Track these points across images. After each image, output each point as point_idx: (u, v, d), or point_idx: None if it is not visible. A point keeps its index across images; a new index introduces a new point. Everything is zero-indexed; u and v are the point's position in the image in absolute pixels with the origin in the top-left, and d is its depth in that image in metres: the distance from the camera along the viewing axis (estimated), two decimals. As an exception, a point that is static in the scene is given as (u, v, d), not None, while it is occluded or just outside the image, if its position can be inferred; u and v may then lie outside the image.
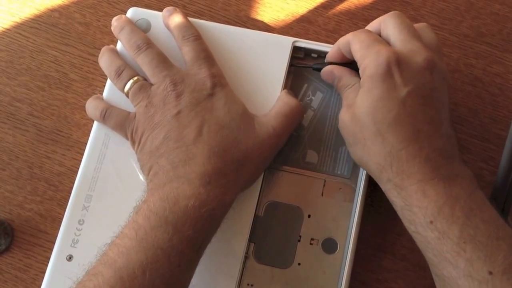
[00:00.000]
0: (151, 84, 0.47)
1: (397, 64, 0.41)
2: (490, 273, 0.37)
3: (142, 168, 0.45)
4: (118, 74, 0.48)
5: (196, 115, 0.45)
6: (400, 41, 0.43)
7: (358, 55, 0.44)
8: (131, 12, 0.52)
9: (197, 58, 0.48)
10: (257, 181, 0.47)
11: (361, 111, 0.42)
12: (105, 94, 0.50)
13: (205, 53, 0.48)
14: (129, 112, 0.47)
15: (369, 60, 0.42)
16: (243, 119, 0.46)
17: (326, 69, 0.48)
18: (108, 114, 0.48)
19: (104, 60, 0.49)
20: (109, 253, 0.40)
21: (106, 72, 0.49)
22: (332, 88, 0.50)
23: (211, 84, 0.46)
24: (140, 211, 0.41)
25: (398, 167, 0.41)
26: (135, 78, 0.47)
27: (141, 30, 0.50)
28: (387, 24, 0.45)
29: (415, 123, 0.41)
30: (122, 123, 0.47)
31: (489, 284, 0.36)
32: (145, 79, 0.48)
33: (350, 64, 0.47)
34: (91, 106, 0.49)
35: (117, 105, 0.49)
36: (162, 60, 0.47)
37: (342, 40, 0.46)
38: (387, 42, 0.44)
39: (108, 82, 0.50)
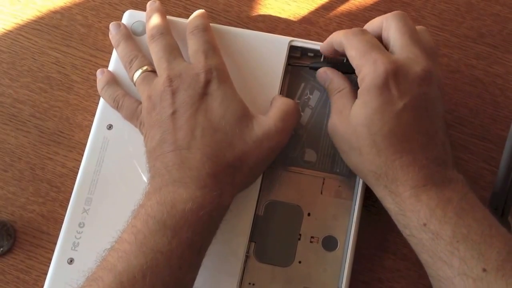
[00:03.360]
0: (156, 76, 0.49)
1: (394, 76, 0.43)
2: (484, 270, 0.39)
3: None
4: (130, 63, 0.51)
5: (191, 116, 0.46)
6: (400, 46, 0.45)
7: (354, 63, 0.46)
8: (128, 15, 0.55)
9: (197, 51, 0.49)
10: (256, 181, 0.49)
11: (357, 121, 0.45)
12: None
13: (207, 45, 0.49)
14: (139, 104, 0.50)
15: (367, 71, 0.44)
16: (239, 121, 0.47)
17: (322, 69, 0.51)
18: (120, 105, 0.50)
19: (120, 50, 0.52)
20: (108, 258, 0.41)
21: (121, 61, 0.52)
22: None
23: (204, 80, 0.47)
24: (138, 215, 0.43)
25: (393, 175, 0.43)
26: (144, 68, 0.50)
27: (136, 33, 0.54)
28: (390, 25, 0.46)
29: (409, 134, 0.43)
30: (131, 116, 0.50)
31: (483, 281, 0.39)
32: (154, 70, 0.50)
33: (343, 62, 0.50)
34: (107, 95, 0.51)
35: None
36: (168, 51, 0.49)
37: (334, 39, 0.48)
38: (384, 45, 0.46)
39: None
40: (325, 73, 0.50)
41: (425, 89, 0.44)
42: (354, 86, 0.48)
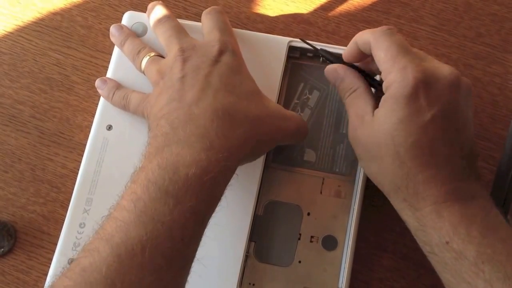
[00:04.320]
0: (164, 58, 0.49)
1: (424, 85, 0.41)
2: None
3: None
4: (138, 53, 0.51)
5: (203, 77, 0.44)
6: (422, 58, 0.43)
7: (382, 66, 0.43)
8: (127, 16, 0.55)
9: (213, 28, 0.49)
10: (255, 180, 0.49)
11: (381, 130, 0.42)
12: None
13: (224, 24, 0.49)
14: (147, 95, 0.49)
15: (394, 78, 0.42)
16: (255, 93, 0.46)
17: (330, 67, 0.48)
18: (129, 100, 0.50)
19: (127, 47, 0.52)
20: (106, 226, 0.38)
21: (128, 57, 0.52)
22: (328, 86, 0.53)
23: (219, 48, 0.46)
24: (138, 180, 0.40)
25: (414, 188, 0.41)
26: (152, 54, 0.50)
27: (136, 34, 0.54)
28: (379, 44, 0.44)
29: (434, 147, 0.41)
30: (138, 104, 0.49)
31: None
32: (162, 56, 0.50)
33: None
34: (116, 98, 0.51)
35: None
36: (177, 31, 0.49)
37: (360, 39, 0.45)
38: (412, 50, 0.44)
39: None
40: (335, 71, 0.47)
41: (454, 95, 0.42)
42: (368, 85, 0.46)
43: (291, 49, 0.53)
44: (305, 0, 0.58)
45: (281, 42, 0.53)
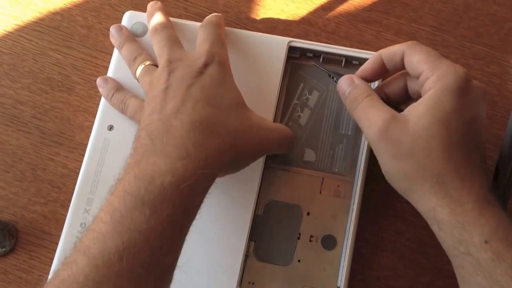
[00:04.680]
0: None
1: (469, 84, 0.43)
2: None
3: None
4: (134, 60, 0.51)
5: (185, 89, 0.45)
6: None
7: (425, 66, 0.43)
8: (128, 16, 0.55)
9: (205, 40, 0.49)
10: (255, 180, 0.50)
11: (429, 121, 0.42)
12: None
13: (216, 36, 0.49)
14: (143, 102, 0.49)
15: (445, 71, 0.42)
16: (237, 105, 0.46)
17: (346, 75, 0.48)
18: (127, 105, 0.51)
19: (124, 50, 0.53)
20: (84, 239, 0.39)
21: (125, 61, 0.53)
22: (328, 86, 0.53)
23: (205, 60, 0.47)
24: (115, 192, 0.40)
25: (461, 182, 0.41)
26: (147, 63, 0.50)
27: (136, 34, 0.54)
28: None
29: (477, 144, 0.42)
30: (135, 111, 0.50)
31: None
32: (156, 64, 0.50)
33: None
34: (115, 100, 0.52)
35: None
36: (171, 41, 0.49)
37: (387, 51, 0.46)
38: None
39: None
40: (351, 79, 0.47)
41: (484, 105, 0.44)
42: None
43: (291, 49, 0.54)
44: (305, 0, 0.59)
45: (281, 42, 0.53)
